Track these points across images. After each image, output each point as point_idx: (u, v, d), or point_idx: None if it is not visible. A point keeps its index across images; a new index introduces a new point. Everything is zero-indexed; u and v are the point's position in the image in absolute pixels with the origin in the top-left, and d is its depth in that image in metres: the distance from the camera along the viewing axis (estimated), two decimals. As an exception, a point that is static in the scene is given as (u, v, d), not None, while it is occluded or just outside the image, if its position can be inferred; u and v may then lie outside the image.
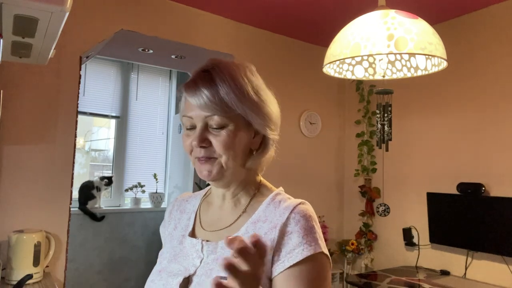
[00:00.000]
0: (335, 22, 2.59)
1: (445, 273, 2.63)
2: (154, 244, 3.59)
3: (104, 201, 3.44)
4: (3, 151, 2.06)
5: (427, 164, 2.85)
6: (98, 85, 3.50)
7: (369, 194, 3.22)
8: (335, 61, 1.45)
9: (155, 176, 3.65)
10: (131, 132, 3.66)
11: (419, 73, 1.59)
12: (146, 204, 3.65)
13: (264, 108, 0.79)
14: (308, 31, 3.07)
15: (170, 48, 3.02)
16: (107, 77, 3.56)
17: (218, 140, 0.75)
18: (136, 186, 3.55)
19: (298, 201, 0.77)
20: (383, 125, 1.81)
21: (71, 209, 2.24)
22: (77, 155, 2.35)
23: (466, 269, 2.55)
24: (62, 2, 0.95)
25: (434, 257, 2.76)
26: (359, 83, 3.35)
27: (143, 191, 3.60)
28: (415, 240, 2.87)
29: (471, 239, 2.47)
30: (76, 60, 2.28)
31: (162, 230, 0.94)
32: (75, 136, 2.26)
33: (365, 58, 1.66)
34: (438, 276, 2.58)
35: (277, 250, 0.72)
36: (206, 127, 0.76)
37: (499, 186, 2.43)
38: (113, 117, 3.60)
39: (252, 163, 0.81)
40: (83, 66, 2.38)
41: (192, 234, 0.84)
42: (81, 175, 3.55)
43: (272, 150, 0.84)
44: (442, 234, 2.65)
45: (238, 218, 0.80)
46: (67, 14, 1.00)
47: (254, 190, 0.83)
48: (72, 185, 2.24)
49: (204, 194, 0.92)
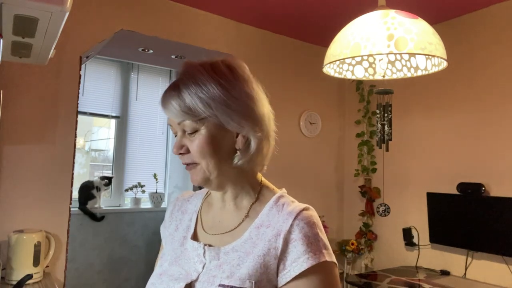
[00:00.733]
0: (335, 22, 2.59)
1: (445, 273, 2.63)
2: (154, 244, 3.59)
3: (104, 201, 3.44)
4: (3, 151, 2.06)
5: (427, 164, 2.85)
6: (98, 85, 3.50)
7: (369, 194, 3.22)
8: (335, 61, 1.45)
9: (155, 176, 3.65)
10: (131, 132, 3.66)
11: (419, 73, 1.59)
12: (146, 204, 3.65)
13: (238, 107, 0.75)
14: (308, 31, 3.07)
15: (170, 48, 3.02)
16: (107, 77, 3.56)
17: (193, 146, 0.75)
18: (136, 186, 3.55)
19: (302, 206, 0.76)
20: (383, 125, 1.81)
21: (71, 209, 2.24)
22: (77, 155, 2.35)
23: (466, 269, 2.55)
24: (62, 2, 0.95)
25: (434, 257, 2.76)
26: (359, 83, 3.35)
27: (143, 191, 3.59)
28: (415, 240, 2.87)
29: (471, 239, 2.47)
30: (76, 60, 2.28)
31: (162, 230, 0.93)
32: (75, 136, 2.26)
33: (365, 58, 1.66)
34: (438, 276, 2.58)
35: (281, 258, 0.71)
36: (184, 134, 0.77)
37: (499, 186, 2.43)
38: (113, 117, 3.60)
39: (239, 162, 0.77)
40: (83, 66, 2.38)
41: (194, 237, 0.83)
42: (81, 175, 3.55)
43: (267, 147, 0.80)
44: (442, 234, 2.65)
45: (240, 222, 0.79)
46: (67, 14, 1.00)
47: (256, 191, 0.82)
48: (72, 185, 2.24)
49: (205, 194, 0.91)
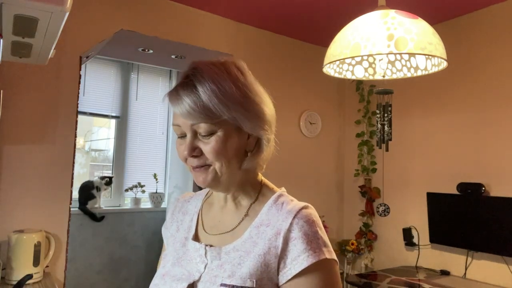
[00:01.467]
0: (335, 22, 2.59)
1: (445, 273, 2.63)
2: (154, 244, 3.59)
3: (104, 201, 3.44)
4: (3, 151, 2.06)
5: (427, 164, 2.85)
6: (98, 85, 3.50)
7: (369, 194, 3.22)
8: (335, 61, 1.45)
9: (155, 176, 3.65)
10: (131, 132, 3.66)
11: (419, 73, 1.59)
12: (146, 204, 3.64)
13: (253, 109, 0.75)
14: (308, 31, 3.07)
15: (170, 48, 3.02)
16: (107, 77, 3.56)
17: (208, 148, 0.73)
18: (136, 186, 3.55)
19: (301, 204, 0.76)
20: (383, 125, 1.81)
21: (71, 209, 2.24)
22: (77, 155, 2.35)
23: (466, 269, 2.55)
24: (62, 2, 0.95)
25: (434, 257, 2.76)
26: (359, 83, 3.35)
27: (143, 191, 3.59)
28: (415, 240, 2.87)
29: (471, 239, 2.47)
30: (76, 60, 2.28)
31: (164, 231, 0.93)
32: (75, 136, 2.26)
33: (365, 58, 1.66)
34: (438, 276, 2.58)
35: (282, 257, 0.71)
36: (195, 135, 0.74)
37: (499, 186, 2.43)
38: (113, 117, 3.60)
39: (248, 164, 0.78)
40: (83, 66, 2.38)
41: (195, 237, 0.83)
42: (81, 175, 3.54)
43: (270, 148, 0.81)
44: (442, 234, 2.65)
45: (240, 221, 0.79)
46: (67, 14, 1.00)
47: (256, 191, 0.82)
48: (72, 185, 2.24)
49: (206, 195, 0.91)
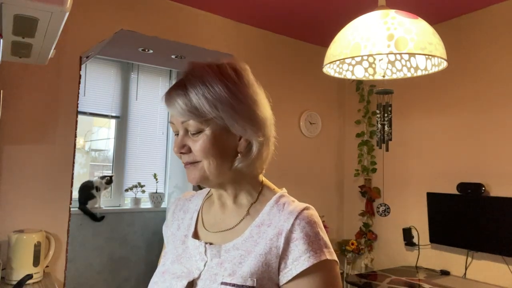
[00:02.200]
0: (335, 22, 2.59)
1: (445, 273, 2.63)
2: (154, 244, 3.59)
3: (104, 201, 3.44)
4: (3, 151, 2.06)
5: (427, 164, 2.85)
6: (98, 85, 3.50)
7: (369, 194, 3.22)
8: (335, 61, 1.45)
9: (155, 176, 3.65)
10: (131, 132, 3.66)
11: (419, 73, 1.59)
12: (146, 204, 3.64)
13: (243, 111, 0.76)
14: (308, 31, 3.07)
15: (170, 48, 3.02)
16: (107, 77, 3.56)
17: (196, 146, 0.76)
18: (136, 186, 3.55)
19: (303, 205, 0.76)
20: (383, 125, 1.81)
21: (71, 209, 2.24)
22: (77, 155, 2.35)
23: (466, 269, 2.55)
24: (62, 2, 0.95)
25: (434, 257, 2.76)
26: (359, 83, 3.35)
27: (143, 191, 3.59)
28: (415, 240, 2.87)
29: (471, 239, 2.47)
30: (76, 60, 2.28)
31: (165, 230, 0.93)
32: (75, 136, 2.26)
33: (365, 58, 1.66)
34: (438, 276, 2.58)
35: (283, 257, 0.72)
36: (186, 133, 0.77)
37: (499, 186, 2.43)
38: (113, 117, 3.60)
39: (239, 164, 0.78)
40: (83, 66, 2.38)
41: (195, 235, 0.84)
42: (81, 175, 3.54)
43: (267, 151, 0.81)
44: (442, 234, 2.65)
45: (241, 220, 0.80)
46: (67, 14, 1.00)
47: (257, 191, 0.82)
48: (72, 185, 2.24)
49: (207, 193, 0.91)
